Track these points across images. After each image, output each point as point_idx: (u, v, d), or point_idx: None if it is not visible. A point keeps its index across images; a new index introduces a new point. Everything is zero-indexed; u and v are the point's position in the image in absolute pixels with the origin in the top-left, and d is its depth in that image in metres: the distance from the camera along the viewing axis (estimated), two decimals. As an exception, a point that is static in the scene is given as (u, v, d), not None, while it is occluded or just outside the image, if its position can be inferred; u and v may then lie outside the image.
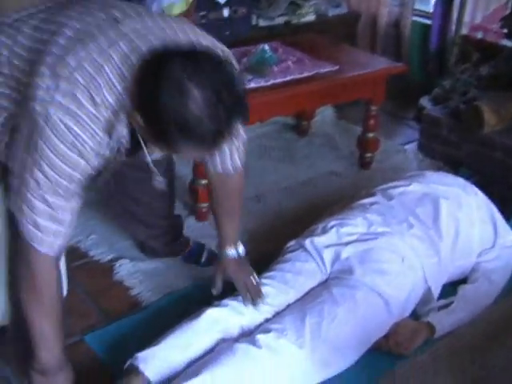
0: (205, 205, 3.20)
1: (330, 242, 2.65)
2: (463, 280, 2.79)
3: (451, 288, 2.72)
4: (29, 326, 1.96)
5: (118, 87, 1.72)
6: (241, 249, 2.53)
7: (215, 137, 1.67)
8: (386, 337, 2.47)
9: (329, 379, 2.32)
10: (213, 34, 3.90)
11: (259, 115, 3.16)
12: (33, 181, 1.76)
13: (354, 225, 2.70)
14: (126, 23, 1.80)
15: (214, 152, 2.03)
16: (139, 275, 2.90)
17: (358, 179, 3.72)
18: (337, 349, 2.32)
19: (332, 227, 2.70)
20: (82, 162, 1.77)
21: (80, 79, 1.70)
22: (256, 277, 2.48)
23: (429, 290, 2.63)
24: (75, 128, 1.71)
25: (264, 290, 2.48)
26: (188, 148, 1.69)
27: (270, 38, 3.86)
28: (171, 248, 2.97)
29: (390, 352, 2.46)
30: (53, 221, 1.82)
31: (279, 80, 3.22)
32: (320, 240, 2.66)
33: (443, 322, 2.55)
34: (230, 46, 3.61)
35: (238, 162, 2.29)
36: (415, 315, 2.61)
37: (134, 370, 2.20)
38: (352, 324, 2.37)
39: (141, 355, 2.22)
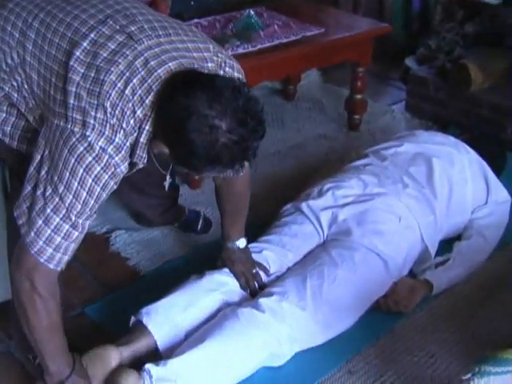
0: (196, 173, 3.21)
1: (326, 205, 2.66)
2: (457, 237, 2.81)
3: (446, 245, 2.75)
4: (34, 344, 1.94)
5: (139, 114, 1.74)
6: (241, 242, 2.47)
7: (242, 161, 1.74)
8: (385, 296, 2.50)
9: (330, 340, 2.34)
10: (196, 1, 3.89)
11: (248, 81, 3.13)
12: (58, 199, 1.75)
13: (349, 187, 2.72)
14: (142, 40, 1.78)
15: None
16: (136, 245, 2.90)
17: (348, 141, 3.73)
18: (338, 309, 2.35)
19: (328, 190, 2.72)
20: (112, 183, 1.78)
21: (107, 105, 1.71)
22: (257, 269, 2.47)
23: (426, 249, 2.65)
24: (109, 150, 1.73)
25: (263, 253, 2.50)
26: (213, 172, 1.82)
27: (254, 3, 3.83)
28: (167, 217, 2.97)
29: (390, 311, 2.49)
30: (69, 239, 1.80)
31: (266, 45, 3.22)
32: (316, 203, 2.67)
33: (440, 278, 2.59)
34: (214, 12, 3.64)
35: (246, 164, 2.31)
36: (412, 273, 2.64)
37: (138, 326, 2.24)
38: (352, 285, 2.39)
39: (144, 310, 2.26)
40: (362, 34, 3.55)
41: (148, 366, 2.04)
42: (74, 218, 1.77)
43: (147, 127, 1.75)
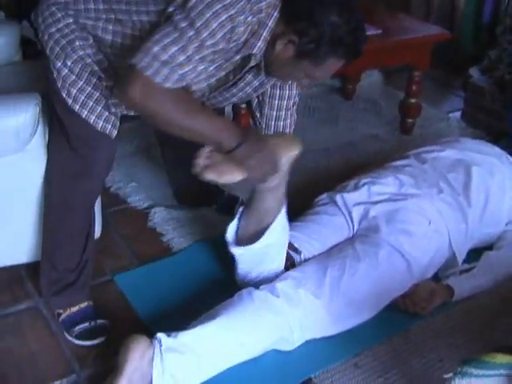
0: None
1: (360, 200, 2.69)
2: (489, 247, 2.80)
3: (476, 254, 2.73)
4: (190, 128, 2.02)
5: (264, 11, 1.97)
6: None
7: (358, 48, 2.04)
8: (404, 296, 2.52)
9: (342, 333, 2.38)
10: None
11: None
12: (178, 33, 1.88)
13: (385, 184, 2.74)
14: None
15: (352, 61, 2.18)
16: (172, 223, 2.99)
17: (398, 144, 3.74)
18: (354, 303, 2.37)
19: (364, 184, 2.75)
20: (229, 36, 1.93)
21: None
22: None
23: (453, 256, 2.65)
24: (236, 8, 1.89)
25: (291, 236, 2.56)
26: (334, 60, 2.03)
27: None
28: (206, 198, 3.06)
29: (407, 311, 2.50)
30: (180, 68, 1.90)
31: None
32: (351, 196, 2.70)
33: (463, 285, 2.58)
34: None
35: (292, 133, 2.58)
36: (437, 277, 2.64)
37: None
38: (372, 281, 2.41)
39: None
40: (420, 38, 3.56)
41: (160, 334, 2.12)
42: (190, 51, 1.89)
43: (270, 23, 1.99)
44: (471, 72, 4.35)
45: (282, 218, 2.43)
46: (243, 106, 3.09)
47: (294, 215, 2.76)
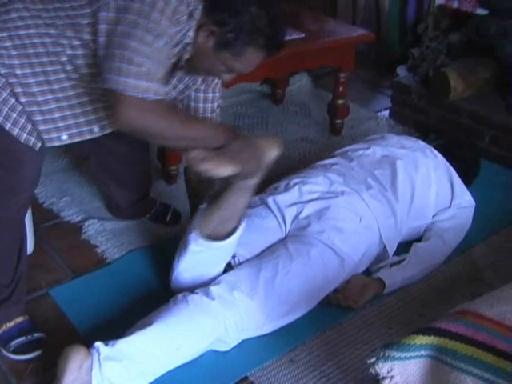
0: (173, 168, 3.31)
1: (292, 200, 2.71)
2: (418, 239, 2.87)
3: (405, 246, 2.79)
4: (184, 137, 2.12)
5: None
6: None
7: (278, 41, 2.11)
8: (336, 290, 2.57)
9: (276, 330, 2.42)
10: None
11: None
12: (130, 28, 1.94)
13: (315, 183, 2.77)
14: None
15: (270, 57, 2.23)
16: (106, 234, 3.00)
17: (328, 145, 3.79)
18: (288, 302, 2.40)
19: (294, 185, 2.77)
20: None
21: None
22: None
23: (384, 249, 2.71)
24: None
25: None
26: (253, 51, 2.08)
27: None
28: (139, 208, 3.07)
29: (339, 305, 2.55)
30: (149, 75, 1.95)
31: (244, 47, 3.28)
32: (282, 198, 2.72)
33: (394, 278, 2.64)
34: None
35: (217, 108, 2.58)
36: (368, 271, 2.70)
37: None
38: (305, 279, 2.44)
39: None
40: (343, 40, 3.61)
41: (97, 343, 2.12)
42: (148, 38, 1.94)
43: (195, 15, 2.03)
44: (398, 71, 4.45)
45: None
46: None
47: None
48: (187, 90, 2.39)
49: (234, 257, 2.58)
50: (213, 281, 2.44)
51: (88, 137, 2.24)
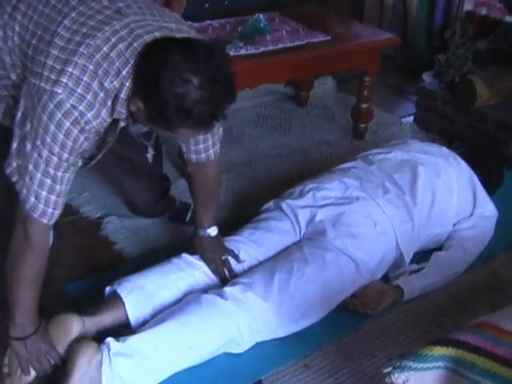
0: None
1: (305, 204, 2.71)
2: (438, 248, 2.83)
3: (425, 254, 2.76)
4: (10, 292, 2.06)
5: (123, 72, 1.85)
6: (212, 230, 2.57)
7: (211, 119, 1.86)
8: (354, 297, 2.54)
9: (292, 334, 2.40)
10: (211, 4, 3.98)
11: (248, 82, 3.22)
12: (36, 154, 1.88)
13: (330, 189, 2.76)
14: (129, 15, 1.92)
15: (206, 133, 2.15)
16: (125, 231, 3.00)
17: (350, 149, 3.76)
18: (303, 306, 2.39)
19: (309, 191, 2.77)
20: (82, 137, 1.89)
21: (89, 66, 1.83)
22: (227, 256, 2.55)
23: (401, 255, 2.68)
24: (81, 108, 1.84)
25: (235, 244, 2.59)
26: (185, 130, 1.87)
27: (271, 8, 3.89)
28: (158, 207, 3.05)
29: (356, 312, 2.53)
30: (53, 193, 1.94)
31: (270, 48, 3.27)
32: (296, 202, 2.72)
33: (413, 285, 2.61)
34: (228, 16, 3.73)
35: (218, 150, 2.42)
36: (386, 278, 2.67)
37: (112, 297, 2.38)
38: (320, 283, 2.43)
39: (119, 281, 2.40)
40: (369, 44, 3.60)
41: (109, 339, 2.13)
42: (52, 172, 1.90)
43: (127, 83, 1.87)
44: (424, 77, 4.41)
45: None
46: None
47: (245, 221, 2.79)
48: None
49: (243, 262, 2.57)
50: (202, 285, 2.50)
51: None
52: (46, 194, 1.92)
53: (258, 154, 3.71)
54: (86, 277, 2.73)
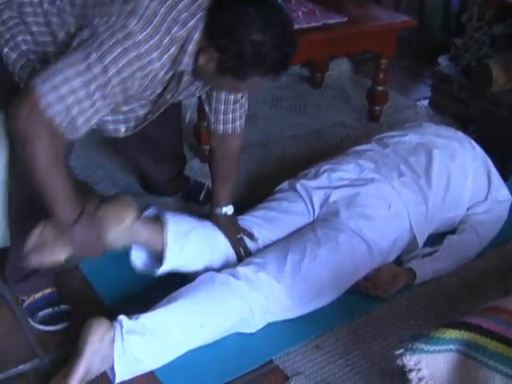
0: (207, 147, 3.29)
1: (320, 185, 2.71)
2: (451, 231, 2.83)
3: (438, 238, 2.76)
4: (38, 185, 1.96)
5: (190, 23, 1.92)
6: (228, 209, 2.60)
7: (281, 67, 2.01)
8: (366, 279, 2.54)
9: (304, 315, 2.41)
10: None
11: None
12: (85, 67, 1.84)
13: (345, 170, 2.76)
14: None
15: (274, 81, 2.16)
16: (139, 209, 2.99)
17: (365, 131, 3.75)
18: (315, 287, 2.39)
19: (324, 172, 2.76)
20: (139, 74, 1.91)
21: (161, 9, 1.89)
22: (242, 235, 2.57)
23: (414, 238, 2.68)
24: (147, 46, 1.88)
25: (249, 224, 2.61)
26: (255, 79, 1.99)
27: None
28: (173, 186, 3.06)
29: (368, 294, 2.53)
30: (78, 105, 1.86)
31: (286, 29, 3.25)
32: (311, 183, 2.72)
33: (425, 268, 2.61)
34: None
35: (243, 124, 2.51)
36: (399, 261, 2.67)
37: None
38: (333, 264, 2.43)
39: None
40: (385, 26, 3.58)
41: (121, 317, 2.14)
42: (93, 89, 1.86)
43: (195, 36, 1.93)
44: (440, 60, 4.38)
45: (173, 238, 2.42)
46: (204, 124, 3.09)
47: (259, 202, 2.78)
48: (198, 91, 2.35)
49: (256, 240, 2.58)
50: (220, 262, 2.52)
51: None
52: (73, 103, 1.85)
53: (272, 135, 3.70)
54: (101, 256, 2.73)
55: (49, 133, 1.85)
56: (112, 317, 2.17)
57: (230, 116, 2.45)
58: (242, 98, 2.45)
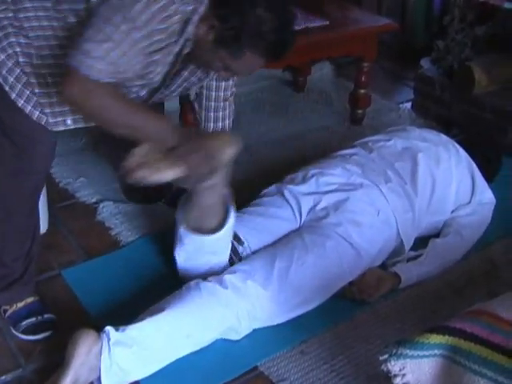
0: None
1: (308, 191, 2.69)
2: (436, 235, 2.83)
3: (422, 241, 2.76)
4: (126, 127, 2.02)
5: None
6: None
7: (277, 52, 2.02)
8: (351, 284, 2.54)
9: (288, 320, 2.40)
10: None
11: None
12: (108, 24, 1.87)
13: (333, 174, 2.74)
14: None
15: (264, 65, 2.14)
16: (121, 216, 2.98)
17: (348, 134, 3.74)
18: (302, 293, 2.39)
19: (312, 176, 2.74)
20: (163, 26, 1.92)
21: None
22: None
23: (401, 244, 2.68)
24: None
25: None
26: (250, 56, 1.98)
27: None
28: (154, 192, 3.03)
29: (354, 299, 2.53)
30: (107, 58, 1.88)
31: (267, 33, 3.24)
32: (299, 188, 2.70)
33: (410, 273, 2.61)
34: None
35: (231, 124, 2.60)
36: (384, 265, 2.66)
37: None
38: (320, 271, 2.42)
39: None
40: (366, 29, 3.58)
41: (108, 328, 2.12)
42: (118, 37, 1.87)
43: (200, 10, 1.95)
44: (422, 63, 4.38)
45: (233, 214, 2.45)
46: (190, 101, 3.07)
47: (242, 207, 2.76)
48: (199, 83, 2.36)
49: (242, 244, 2.57)
50: (220, 267, 2.47)
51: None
52: (107, 61, 1.88)
53: (255, 139, 3.68)
54: (82, 262, 2.72)
55: (103, 88, 1.90)
56: (96, 325, 2.17)
57: (220, 114, 2.50)
58: (231, 95, 2.51)
